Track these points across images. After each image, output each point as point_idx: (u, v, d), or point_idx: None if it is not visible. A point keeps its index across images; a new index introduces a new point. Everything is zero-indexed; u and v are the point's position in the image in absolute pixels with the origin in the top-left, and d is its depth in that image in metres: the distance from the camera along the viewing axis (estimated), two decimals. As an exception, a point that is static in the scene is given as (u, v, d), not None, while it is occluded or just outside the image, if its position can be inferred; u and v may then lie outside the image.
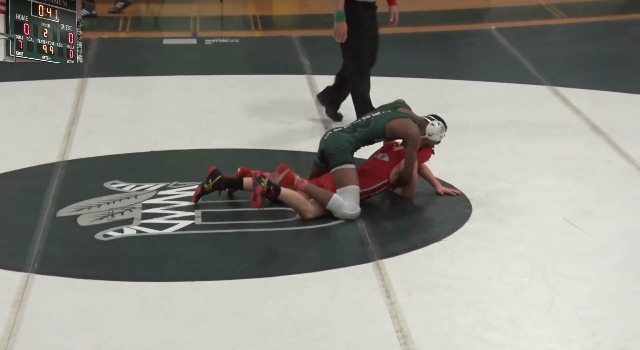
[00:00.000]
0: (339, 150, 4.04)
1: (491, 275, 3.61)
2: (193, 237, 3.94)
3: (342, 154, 4.03)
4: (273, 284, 3.56)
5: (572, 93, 5.68)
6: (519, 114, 5.50)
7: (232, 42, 7.19)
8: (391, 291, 3.49)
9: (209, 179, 4.13)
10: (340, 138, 4.07)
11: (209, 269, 3.68)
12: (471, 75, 6.23)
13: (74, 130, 5.26)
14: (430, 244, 3.85)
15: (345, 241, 3.94)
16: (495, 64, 6.57)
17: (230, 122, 5.47)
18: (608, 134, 5.13)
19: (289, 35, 7.33)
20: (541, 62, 6.44)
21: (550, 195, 4.38)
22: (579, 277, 3.59)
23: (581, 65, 6.47)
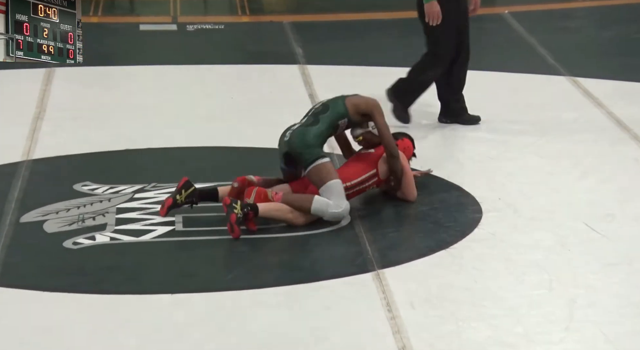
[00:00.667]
0: (308, 146, 3.98)
1: (504, 287, 3.62)
2: (173, 245, 3.94)
3: (312, 149, 4.00)
4: (262, 297, 3.56)
5: (594, 84, 5.69)
6: (534, 107, 5.52)
7: (217, 28, 7.19)
8: (393, 304, 3.49)
9: (182, 189, 4.09)
10: (305, 133, 4.01)
11: (190, 280, 3.68)
12: (481, 65, 6.24)
13: (39, 125, 5.24)
14: (436, 251, 3.86)
15: (341, 249, 3.94)
16: (508, 52, 6.58)
17: (215, 118, 5.47)
18: (634, 129, 5.14)
19: (280, 20, 7.33)
20: (559, 50, 6.45)
21: (569, 198, 4.39)
22: (601, 288, 3.60)
23: (604, 53, 6.50)
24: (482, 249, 3.89)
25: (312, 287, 3.62)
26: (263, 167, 4.78)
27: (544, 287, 3.60)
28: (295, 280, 3.66)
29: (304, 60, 6.38)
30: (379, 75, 6.06)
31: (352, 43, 6.82)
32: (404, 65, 6.16)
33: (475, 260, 3.80)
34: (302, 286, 3.62)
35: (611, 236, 3.98)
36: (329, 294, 3.58)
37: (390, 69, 6.14)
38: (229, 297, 3.55)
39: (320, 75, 6.09)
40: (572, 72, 6.00)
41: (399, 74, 5.99)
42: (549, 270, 3.71)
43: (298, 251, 3.95)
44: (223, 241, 3.97)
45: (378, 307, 3.47)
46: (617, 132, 5.14)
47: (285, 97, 5.76)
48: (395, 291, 3.56)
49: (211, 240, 3.99)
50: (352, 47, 6.73)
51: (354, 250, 3.89)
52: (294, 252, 3.94)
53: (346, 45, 6.77)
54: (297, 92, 5.83)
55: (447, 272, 3.71)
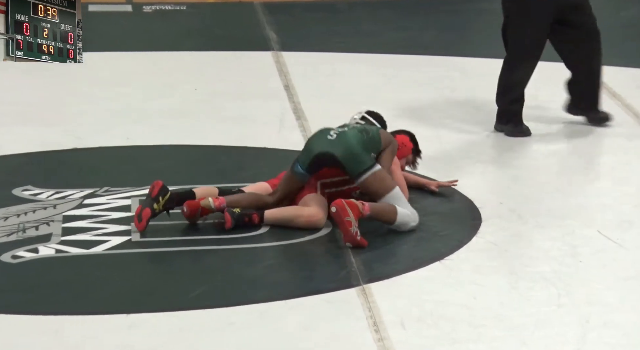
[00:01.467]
0: (364, 150, 3.99)
1: (507, 304, 3.62)
2: (129, 258, 3.92)
3: (368, 154, 4.00)
4: (232, 316, 3.54)
5: (608, 72, 5.71)
6: (539, 100, 5.55)
7: (178, 9, 7.17)
8: (380, 324, 3.48)
9: (159, 196, 4.06)
10: (357, 137, 4.03)
11: (149, 298, 3.66)
12: (479, 51, 6.27)
13: (-26, 122, 5.23)
14: (430, 263, 3.85)
15: (322, 261, 3.94)
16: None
17: (177, 112, 5.46)
18: (654, 125, 5.20)
19: (250, 1, 7.32)
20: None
21: (581, 202, 4.41)
22: (617, 305, 3.60)
23: (620, 37, 6.53)
24: (481, 261, 3.90)
25: (288, 304, 3.61)
26: (231, 169, 4.76)
27: (553, 304, 3.61)
28: (269, 297, 3.65)
29: (277, 46, 6.38)
30: (364, 63, 6.07)
31: (333, 27, 6.83)
32: (392, 52, 6.15)
33: (474, 273, 3.81)
34: (278, 304, 3.61)
35: (629, 246, 3.99)
36: (308, 313, 3.57)
37: (377, 56, 6.15)
38: (194, 318, 3.53)
39: (296, 63, 6.10)
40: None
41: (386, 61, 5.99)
42: (558, 285, 3.72)
43: (273, 264, 3.93)
44: (187, 253, 3.96)
45: (364, 327, 3.47)
46: (635, 126, 5.18)
47: (257, 89, 5.76)
48: (383, 309, 3.56)
49: (173, 252, 3.97)
50: (332, 31, 6.74)
51: (337, 263, 3.88)
52: (269, 265, 3.92)
53: (326, 29, 6.78)
54: (271, 82, 5.83)
55: (442, 287, 3.71)
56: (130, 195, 4.42)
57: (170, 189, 4.13)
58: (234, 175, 4.67)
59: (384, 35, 6.53)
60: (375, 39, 6.50)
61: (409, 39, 6.51)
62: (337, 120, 4.38)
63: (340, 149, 4.03)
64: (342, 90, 5.69)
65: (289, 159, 4.43)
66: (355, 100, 5.48)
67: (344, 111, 4.77)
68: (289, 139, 5.05)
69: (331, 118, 5.19)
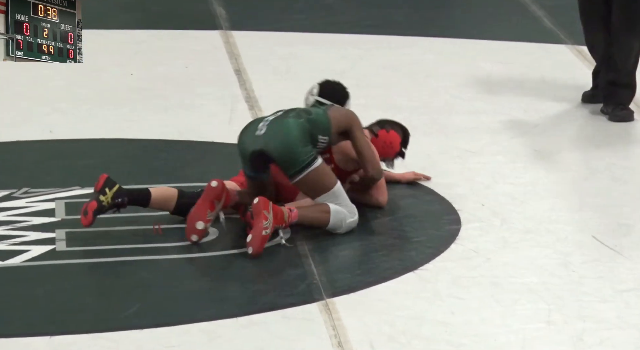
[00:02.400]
0: (302, 141, 3.98)
1: (490, 320, 3.66)
2: (53, 271, 3.91)
3: (304, 147, 3.97)
4: (173, 337, 3.55)
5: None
6: (527, 86, 5.62)
7: (111, -19, 7.15)
8: (346, 344, 3.51)
9: (104, 188, 4.05)
10: (291, 125, 4.00)
11: (75, 318, 3.65)
12: (459, 31, 6.33)
13: None
14: (402, 274, 3.89)
15: (279, 272, 3.95)
16: (496, 14, 6.69)
17: (109, 100, 5.45)
18: (654, 116, 5.28)
19: (196, -29, 7.33)
20: (559, 10, 6.58)
21: (573, 203, 4.47)
22: (615, 321, 3.65)
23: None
24: (461, 271, 3.93)
25: (240, 322, 3.62)
26: (173, 166, 4.76)
27: (542, 320, 3.66)
28: (218, 314, 3.66)
29: (227, 24, 6.39)
30: (326, 44, 6.09)
31: (291, 2, 6.85)
32: (358, 31, 6.18)
33: (452, 285, 3.84)
34: (227, 322, 3.62)
35: (627, 253, 4.05)
36: (263, 332, 3.58)
37: (341, 36, 6.18)
38: (127, 340, 3.52)
39: (249, 44, 6.11)
40: (575, 40, 6.12)
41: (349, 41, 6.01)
42: (548, 299, 3.77)
43: (222, 276, 3.95)
44: (120, 264, 3.96)
45: (327, 347, 3.49)
46: (636, 117, 5.26)
47: (204, 74, 5.76)
48: (349, 327, 3.58)
49: (104, 263, 3.97)
50: (290, 7, 6.76)
51: (296, 274, 3.90)
52: (217, 278, 3.94)
53: (283, 5, 6.80)
54: (220, 66, 5.84)
55: (416, 301, 3.74)
56: (54, 197, 4.40)
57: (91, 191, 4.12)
58: (177, 174, 4.67)
59: (349, 13, 6.57)
60: (339, 17, 6.53)
61: (378, 17, 6.54)
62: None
63: (272, 143, 3.99)
64: (301, 76, 5.71)
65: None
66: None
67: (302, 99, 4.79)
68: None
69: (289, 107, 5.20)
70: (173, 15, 6.62)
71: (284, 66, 5.85)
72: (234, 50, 6.01)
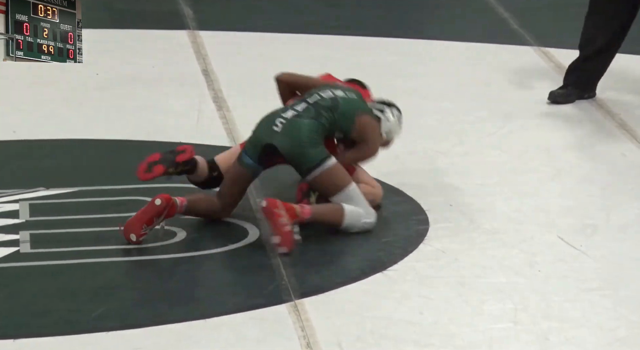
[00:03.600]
0: (312, 144, 4.00)
1: (457, 319, 3.69)
2: (16, 272, 3.89)
3: (317, 147, 4.00)
4: (140, 339, 3.54)
5: (570, 57, 5.86)
6: (495, 87, 5.65)
7: (76, -20, 7.11)
8: (315, 344, 3.52)
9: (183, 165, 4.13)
10: (304, 127, 4.00)
11: (40, 320, 3.63)
12: (426, 32, 6.35)
13: None
14: (371, 274, 3.90)
15: (247, 273, 3.95)
16: (461, 14, 6.72)
17: (73, 100, 5.42)
18: (620, 114, 5.33)
19: (162, -30, 7.30)
20: (526, 12, 6.62)
21: (540, 203, 4.50)
22: (580, 320, 3.69)
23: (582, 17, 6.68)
24: (429, 271, 3.96)
25: (208, 324, 3.62)
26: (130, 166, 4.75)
27: (508, 319, 3.69)
28: (185, 316, 3.66)
29: (194, 24, 6.38)
30: (293, 44, 6.10)
31: (259, 2, 6.85)
32: (326, 32, 6.19)
33: (420, 285, 3.87)
34: (195, 324, 3.62)
35: (592, 253, 4.09)
36: (232, 333, 3.58)
37: (308, 36, 6.19)
38: (94, 342, 3.51)
39: (216, 44, 6.10)
40: (541, 41, 6.16)
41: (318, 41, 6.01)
42: (514, 298, 3.80)
43: (189, 277, 3.94)
44: (86, 266, 3.94)
45: (296, 348, 3.50)
46: (600, 118, 5.31)
47: (171, 74, 5.74)
48: (318, 327, 3.59)
49: (69, 265, 3.95)
50: (257, 7, 6.75)
51: (264, 275, 3.91)
52: (183, 279, 3.93)
53: (251, 4, 6.80)
54: (187, 67, 5.83)
55: (384, 302, 3.76)
56: (18, 198, 4.37)
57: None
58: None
59: (316, 13, 6.57)
60: (307, 18, 6.54)
61: (346, 17, 6.55)
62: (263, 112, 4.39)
63: (285, 143, 4.03)
64: (269, 76, 5.70)
65: (208, 155, 4.43)
66: (284, 87, 5.51)
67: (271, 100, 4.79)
68: (209, 132, 5.06)
69: (256, 108, 5.20)
70: (140, 15, 6.59)
71: (252, 66, 5.85)
72: (201, 50, 6.00)
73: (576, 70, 5.37)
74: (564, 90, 5.37)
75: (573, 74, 5.38)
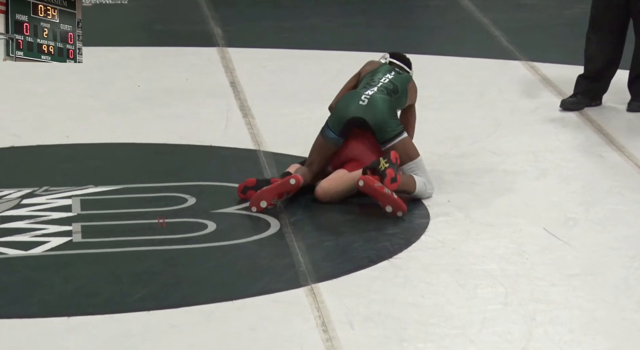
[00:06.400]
0: (391, 115, 4.14)
1: (454, 302, 3.67)
2: (69, 259, 3.89)
3: (396, 120, 4.16)
4: (176, 318, 3.54)
5: (555, 70, 5.83)
6: (486, 97, 5.63)
7: (119, 3, 7.11)
8: (329, 323, 3.51)
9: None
10: (386, 102, 4.18)
11: (90, 301, 3.64)
12: (427, 48, 6.33)
13: None
14: (378, 262, 3.89)
15: (269, 260, 3.94)
16: (458, 33, 6.70)
17: (119, 109, 5.42)
18: (598, 121, 5.29)
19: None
20: (515, 30, 6.59)
21: (527, 200, 4.49)
22: (563, 302, 3.68)
23: (565, 35, 6.65)
24: (429, 259, 3.95)
25: (234, 305, 3.62)
26: (175, 168, 4.75)
27: (499, 301, 3.67)
28: (215, 298, 3.66)
29: (223, 42, 6.37)
30: (311, 59, 6.09)
31: (281, 22, 6.85)
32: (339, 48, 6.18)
33: (422, 271, 3.86)
34: (223, 305, 3.62)
35: (574, 243, 4.08)
36: (255, 313, 3.58)
37: (323, 52, 6.18)
38: (137, 320, 3.51)
39: (242, 59, 6.09)
40: (529, 56, 6.13)
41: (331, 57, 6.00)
42: (505, 283, 3.79)
43: (218, 264, 3.93)
44: (129, 254, 3.94)
45: (312, 327, 3.49)
46: (580, 124, 5.28)
47: (202, 86, 5.74)
48: (331, 309, 3.58)
49: (115, 253, 3.95)
50: (280, 26, 6.75)
51: (284, 262, 3.90)
52: (213, 266, 3.93)
53: (273, 24, 6.79)
54: (217, 79, 5.82)
55: (390, 286, 3.75)
56: (70, 194, 4.38)
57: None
58: (179, 174, 4.66)
59: (330, 32, 6.56)
60: (322, 36, 6.53)
61: (355, 35, 6.54)
62: (285, 119, 4.40)
63: (370, 114, 4.20)
64: (289, 87, 5.71)
65: (235, 157, 4.43)
66: (302, 96, 5.51)
67: (291, 107, 4.80)
68: (235, 136, 5.05)
69: (278, 115, 5.21)
70: (176, 34, 6.60)
71: (273, 78, 5.84)
72: (229, 65, 6.00)
73: (583, 82, 5.34)
74: (574, 99, 5.34)
75: (581, 84, 5.35)
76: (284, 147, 4.63)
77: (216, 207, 4.28)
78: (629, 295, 3.71)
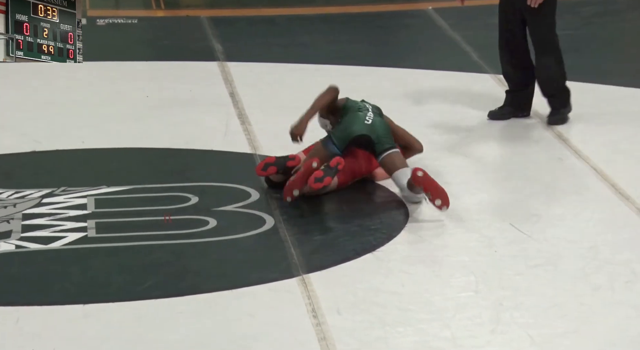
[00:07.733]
0: (387, 135, 4.37)
1: (431, 290, 3.67)
2: (85, 252, 3.88)
3: (390, 138, 4.38)
4: (181, 305, 3.53)
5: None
6: (457, 106, 5.63)
7: (130, 23, 7.09)
8: (319, 310, 3.51)
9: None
10: (383, 122, 4.41)
11: (104, 290, 3.63)
12: (404, 62, 6.34)
13: (-64, 125, 5.09)
14: (363, 255, 3.89)
15: (264, 253, 3.94)
16: (432, 49, 6.70)
17: (128, 117, 5.40)
18: (557, 127, 5.31)
19: (197, 15, 7.27)
20: (484, 47, 6.59)
21: (495, 198, 4.50)
22: (527, 289, 3.68)
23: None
24: (409, 252, 3.95)
25: (234, 294, 3.61)
26: (179, 169, 4.73)
27: (471, 289, 3.68)
28: (216, 287, 3.64)
29: (223, 56, 6.36)
30: (302, 72, 6.09)
31: (274, 39, 6.83)
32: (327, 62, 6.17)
33: (402, 263, 3.85)
34: (224, 293, 3.60)
35: (537, 237, 4.08)
36: (252, 301, 3.57)
37: (314, 66, 6.17)
38: (145, 307, 3.50)
39: (241, 72, 6.08)
40: (497, 70, 6.14)
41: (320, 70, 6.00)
42: (476, 272, 3.79)
43: (219, 257, 3.92)
44: (139, 247, 3.93)
45: (303, 313, 3.49)
46: (542, 131, 5.29)
47: (204, 96, 5.72)
48: (321, 297, 3.58)
49: (126, 247, 3.94)
50: (274, 43, 6.74)
51: (278, 255, 3.89)
52: (215, 258, 3.91)
53: (268, 41, 6.78)
54: (217, 90, 5.81)
55: (373, 276, 3.75)
56: (86, 194, 4.36)
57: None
58: (184, 175, 4.65)
59: (319, 48, 6.56)
60: (311, 51, 6.52)
61: (340, 51, 6.54)
62: (279, 126, 4.38)
63: (374, 132, 4.34)
64: (283, 97, 5.70)
65: (234, 160, 4.42)
66: (295, 105, 5.48)
67: (285, 116, 4.78)
68: (234, 141, 5.04)
69: (273, 123, 5.20)
70: (181, 50, 6.58)
71: (269, 90, 5.83)
72: (228, 77, 5.98)
73: (508, 95, 5.36)
74: (500, 110, 5.35)
75: (507, 97, 5.37)
76: (278, 151, 4.62)
77: (217, 205, 4.27)
78: (586, 283, 3.72)
